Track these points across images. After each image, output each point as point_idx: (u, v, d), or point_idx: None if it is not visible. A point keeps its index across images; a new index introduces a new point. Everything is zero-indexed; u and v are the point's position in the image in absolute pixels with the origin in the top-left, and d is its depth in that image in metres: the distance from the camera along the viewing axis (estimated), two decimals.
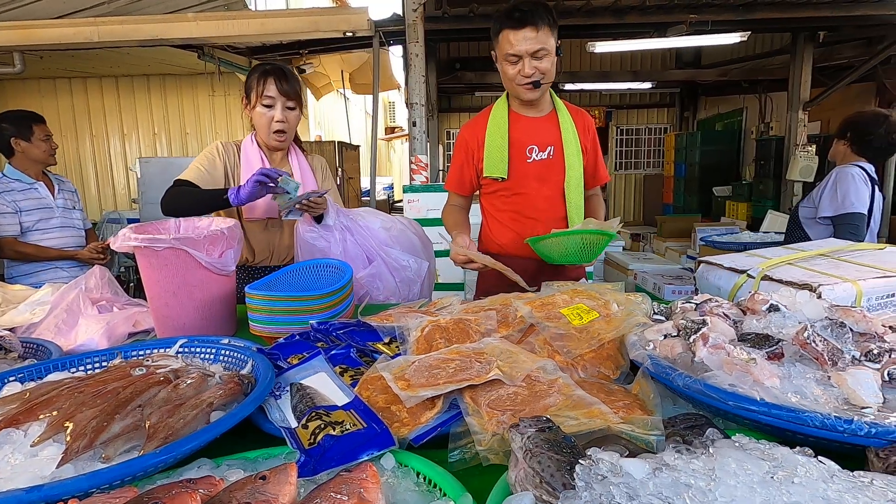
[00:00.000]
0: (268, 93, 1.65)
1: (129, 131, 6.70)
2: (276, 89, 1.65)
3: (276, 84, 1.65)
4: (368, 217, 1.72)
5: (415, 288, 1.71)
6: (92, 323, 1.27)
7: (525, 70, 1.55)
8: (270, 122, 1.67)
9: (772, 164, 6.73)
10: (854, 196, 2.18)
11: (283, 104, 1.67)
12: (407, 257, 1.70)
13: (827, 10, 4.83)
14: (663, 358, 0.81)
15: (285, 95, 1.66)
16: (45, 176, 2.57)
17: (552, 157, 1.70)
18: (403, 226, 1.78)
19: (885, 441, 0.57)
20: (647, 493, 0.47)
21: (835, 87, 5.85)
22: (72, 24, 4.22)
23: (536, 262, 1.72)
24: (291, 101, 1.68)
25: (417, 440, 0.74)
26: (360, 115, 10.92)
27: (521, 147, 1.68)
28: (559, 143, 1.70)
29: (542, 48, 1.52)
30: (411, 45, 4.26)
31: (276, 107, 1.66)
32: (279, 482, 0.54)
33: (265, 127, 1.69)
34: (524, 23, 1.50)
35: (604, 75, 8.12)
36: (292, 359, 0.99)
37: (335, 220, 1.63)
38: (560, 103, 1.74)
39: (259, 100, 1.66)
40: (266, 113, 1.67)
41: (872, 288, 1.07)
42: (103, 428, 0.70)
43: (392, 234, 1.71)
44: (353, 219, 1.68)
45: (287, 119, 1.69)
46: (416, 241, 1.79)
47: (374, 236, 1.68)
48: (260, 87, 1.65)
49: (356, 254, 1.65)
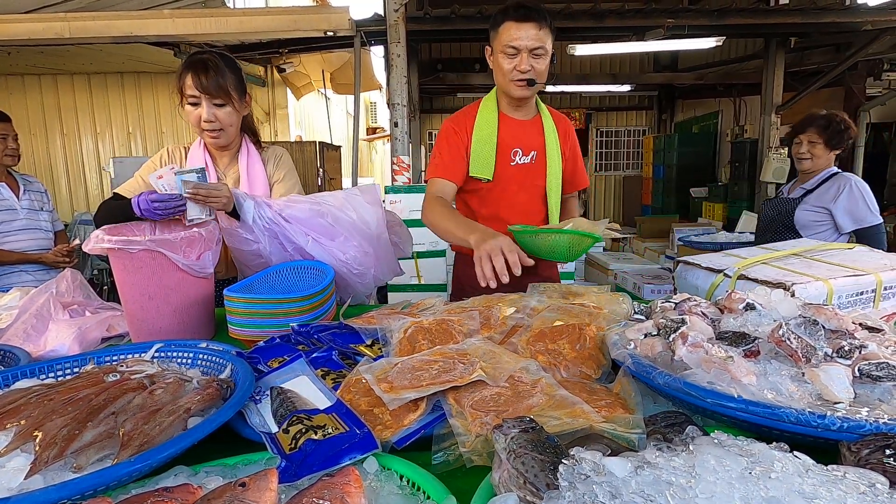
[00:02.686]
0: (188, 91, 1.48)
1: (102, 130, 6.53)
2: (196, 86, 1.47)
3: (194, 80, 1.47)
4: (297, 206, 1.46)
5: (366, 280, 1.53)
6: (63, 328, 1.23)
7: (522, 65, 1.54)
8: (199, 120, 1.52)
9: (746, 166, 6.91)
10: (874, 207, 2.32)
11: (209, 101, 1.50)
12: (348, 247, 1.46)
13: (797, 17, 4.99)
14: (644, 357, 0.82)
15: (207, 93, 1.48)
16: (9, 176, 2.47)
17: (534, 162, 1.70)
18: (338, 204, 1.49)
19: (856, 435, 0.59)
20: (629, 492, 0.48)
21: (805, 92, 6.04)
22: (41, 20, 4.09)
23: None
24: (217, 98, 1.50)
25: (401, 443, 0.74)
26: (342, 116, 10.84)
27: (506, 149, 1.67)
28: (542, 148, 1.70)
29: (541, 46, 1.54)
30: (393, 45, 4.24)
31: (201, 104, 1.50)
32: (259, 489, 0.53)
33: (196, 126, 1.54)
34: (529, 18, 1.52)
35: (583, 78, 8.23)
36: (272, 362, 0.98)
37: (254, 215, 1.41)
38: (544, 108, 1.76)
39: (184, 98, 1.50)
40: (192, 111, 1.51)
41: (843, 286, 1.11)
42: (75, 436, 0.67)
43: (328, 221, 1.46)
44: (279, 211, 1.44)
45: (217, 117, 1.52)
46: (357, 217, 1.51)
47: (308, 226, 1.45)
48: (181, 83, 1.49)
49: (284, 255, 1.47)
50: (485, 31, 1.70)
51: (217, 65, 1.49)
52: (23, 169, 2.60)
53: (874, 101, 6.06)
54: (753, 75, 6.83)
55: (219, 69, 1.49)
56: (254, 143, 1.72)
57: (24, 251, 2.42)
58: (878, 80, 6.12)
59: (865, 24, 5.03)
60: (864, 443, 0.56)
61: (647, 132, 9.79)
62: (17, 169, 2.55)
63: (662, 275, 3.44)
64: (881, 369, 0.68)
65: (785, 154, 6.11)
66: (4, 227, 2.38)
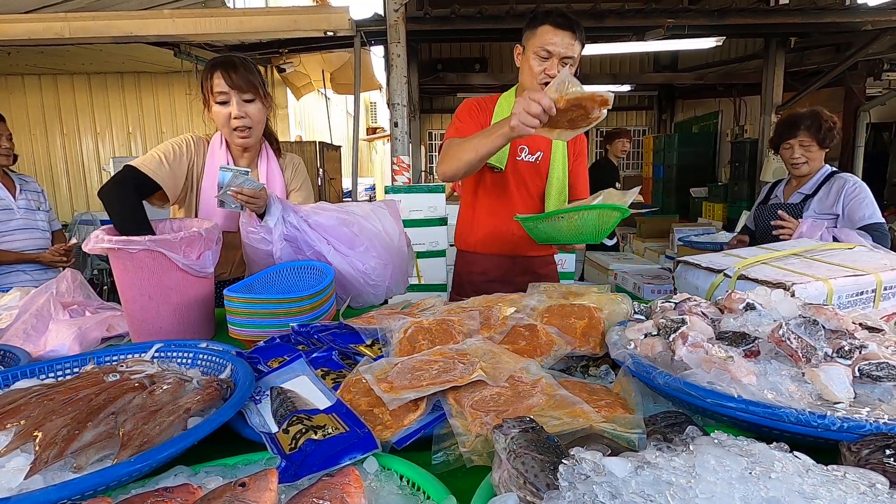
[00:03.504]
0: (218, 88, 1.50)
1: (102, 130, 6.54)
2: (226, 83, 1.50)
3: (224, 77, 1.50)
4: (324, 214, 1.48)
5: (379, 291, 1.55)
6: (63, 328, 1.23)
7: (551, 70, 1.58)
8: (228, 119, 1.53)
9: (746, 166, 6.91)
10: (875, 204, 2.27)
11: (239, 97, 1.52)
12: (368, 258, 1.48)
13: (797, 17, 4.99)
14: (644, 357, 0.82)
15: (238, 88, 1.51)
16: (5, 176, 2.47)
17: (538, 163, 1.75)
18: (364, 214, 1.52)
19: (856, 435, 0.59)
20: (629, 492, 0.48)
21: (805, 92, 6.04)
22: (41, 20, 4.09)
23: (507, 259, 1.77)
24: (247, 92, 1.53)
25: (401, 443, 0.73)
26: (342, 116, 10.84)
27: (514, 144, 1.72)
28: (548, 150, 1.75)
29: (572, 56, 1.58)
30: (393, 45, 4.24)
31: (230, 102, 1.52)
32: (259, 489, 0.53)
33: (225, 126, 1.55)
34: (569, 27, 1.57)
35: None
36: (272, 362, 0.98)
37: (277, 219, 1.43)
38: None
39: (212, 97, 1.52)
40: (222, 110, 1.53)
41: (843, 286, 1.11)
42: (74, 436, 0.67)
43: (353, 230, 1.48)
44: (305, 217, 1.46)
45: (247, 113, 1.54)
46: (382, 229, 1.54)
47: (331, 234, 1.47)
48: (209, 83, 1.51)
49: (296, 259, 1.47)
50: (485, 32, 1.74)
51: (244, 62, 1.55)
52: (23, 169, 2.61)
53: (874, 101, 6.06)
54: (753, 75, 6.83)
55: (246, 65, 1.54)
56: (274, 149, 1.74)
57: (21, 251, 2.42)
58: (878, 80, 6.12)
59: (865, 24, 5.02)
60: (864, 443, 0.56)
61: (647, 132, 9.79)
62: (17, 169, 2.55)
63: (662, 275, 3.43)
64: (881, 369, 0.68)
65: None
66: (1, 227, 2.38)
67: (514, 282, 1.65)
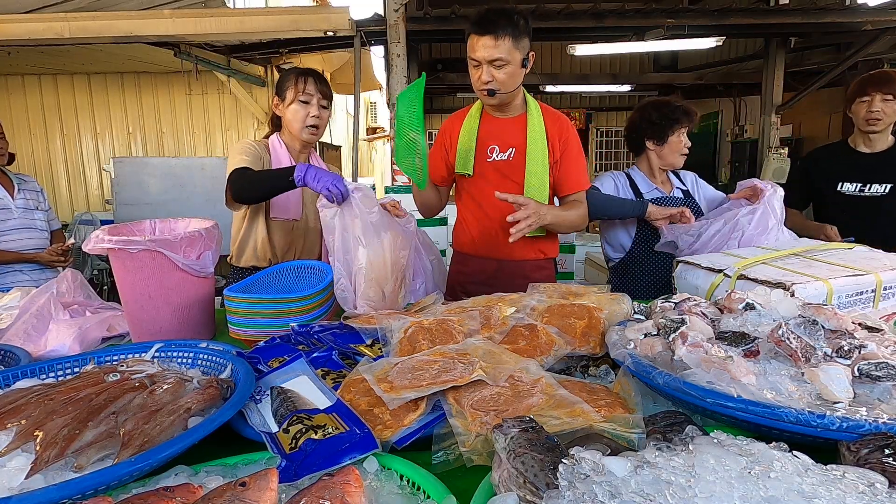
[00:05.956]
0: (308, 90, 1.79)
1: (102, 130, 6.52)
2: (315, 88, 1.80)
3: (315, 84, 1.81)
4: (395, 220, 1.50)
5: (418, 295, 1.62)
6: (63, 328, 1.23)
7: (482, 77, 1.57)
8: (306, 117, 1.79)
9: (746, 166, 6.92)
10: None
11: (319, 102, 1.81)
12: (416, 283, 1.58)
13: (798, 17, 4.98)
14: (644, 356, 0.82)
15: (321, 94, 1.81)
16: (3, 175, 2.46)
17: (512, 159, 1.71)
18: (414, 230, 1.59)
19: (855, 435, 0.59)
20: (629, 491, 0.48)
21: (806, 92, 6.04)
22: (41, 20, 4.09)
23: (496, 261, 1.77)
24: (326, 100, 1.84)
25: (401, 443, 0.74)
26: (342, 116, 10.82)
27: (483, 146, 1.73)
28: (523, 145, 1.70)
29: (499, 58, 1.54)
30: (393, 45, 4.24)
31: (312, 103, 1.80)
32: (260, 488, 0.53)
33: (300, 122, 1.79)
34: (486, 30, 1.53)
35: (583, 78, 8.21)
36: (273, 362, 0.98)
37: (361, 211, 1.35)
38: (534, 107, 1.74)
39: (297, 96, 1.78)
40: (301, 109, 1.79)
41: (842, 286, 1.11)
42: (75, 436, 0.67)
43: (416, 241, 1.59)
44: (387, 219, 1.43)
45: (321, 116, 1.82)
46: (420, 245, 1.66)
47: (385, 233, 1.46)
48: (300, 85, 1.78)
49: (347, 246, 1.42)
50: None
51: (322, 75, 1.86)
52: (23, 169, 2.60)
53: None
54: (753, 75, 6.82)
55: (323, 79, 1.85)
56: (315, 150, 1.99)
57: (19, 251, 2.41)
58: None
59: (865, 24, 5.02)
60: (864, 442, 0.56)
61: None
62: (14, 168, 2.54)
63: None
64: (881, 369, 0.68)
65: (785, 154, 6.11)
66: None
67: (497, 285, 1.58)
